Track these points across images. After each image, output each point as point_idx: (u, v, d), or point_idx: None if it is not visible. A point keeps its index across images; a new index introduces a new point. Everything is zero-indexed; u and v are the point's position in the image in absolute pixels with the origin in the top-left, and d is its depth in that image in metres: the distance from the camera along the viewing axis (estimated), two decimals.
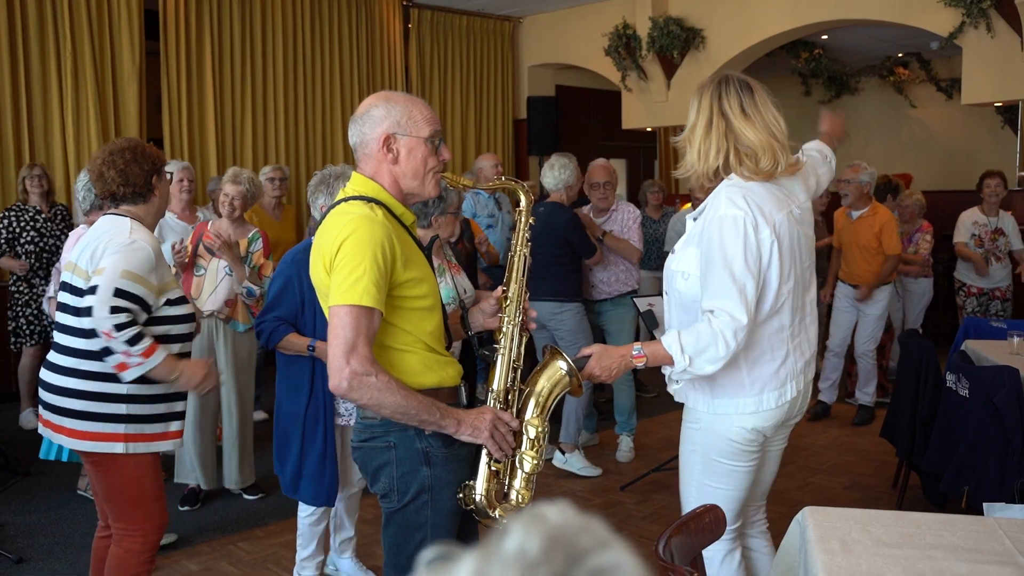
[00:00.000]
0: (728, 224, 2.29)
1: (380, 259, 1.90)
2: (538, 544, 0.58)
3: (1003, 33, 6.41)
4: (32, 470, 4.79)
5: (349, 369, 1.88)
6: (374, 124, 2.05)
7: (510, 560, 0.57)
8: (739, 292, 2.25)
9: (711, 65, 8.00)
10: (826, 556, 1.89)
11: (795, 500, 4.33)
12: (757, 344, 2.37)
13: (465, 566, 0.59)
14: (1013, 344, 4.12)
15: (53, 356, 2.73)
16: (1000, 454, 3.51)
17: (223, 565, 3.73)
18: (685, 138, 2.45)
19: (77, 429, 2.63)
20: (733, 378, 2.40)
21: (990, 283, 6.30)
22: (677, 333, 2.30)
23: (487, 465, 2.08)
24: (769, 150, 2.33)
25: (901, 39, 8.62)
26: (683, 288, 2.43)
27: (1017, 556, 1.88)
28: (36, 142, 6.54)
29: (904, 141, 10.47)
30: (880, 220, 5.74)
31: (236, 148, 7.56)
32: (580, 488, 4.70)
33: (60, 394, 2.65)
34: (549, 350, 2.23)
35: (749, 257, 2.27)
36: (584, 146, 9.08)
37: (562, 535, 0.59)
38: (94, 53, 6.68)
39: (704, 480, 2.50)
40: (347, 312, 1.89)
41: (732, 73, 2.44)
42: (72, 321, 2.65)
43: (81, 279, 2.66)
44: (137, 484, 2.68)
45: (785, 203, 2.37)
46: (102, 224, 2.74)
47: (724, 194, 2.33)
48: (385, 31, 8.55)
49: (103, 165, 2.72)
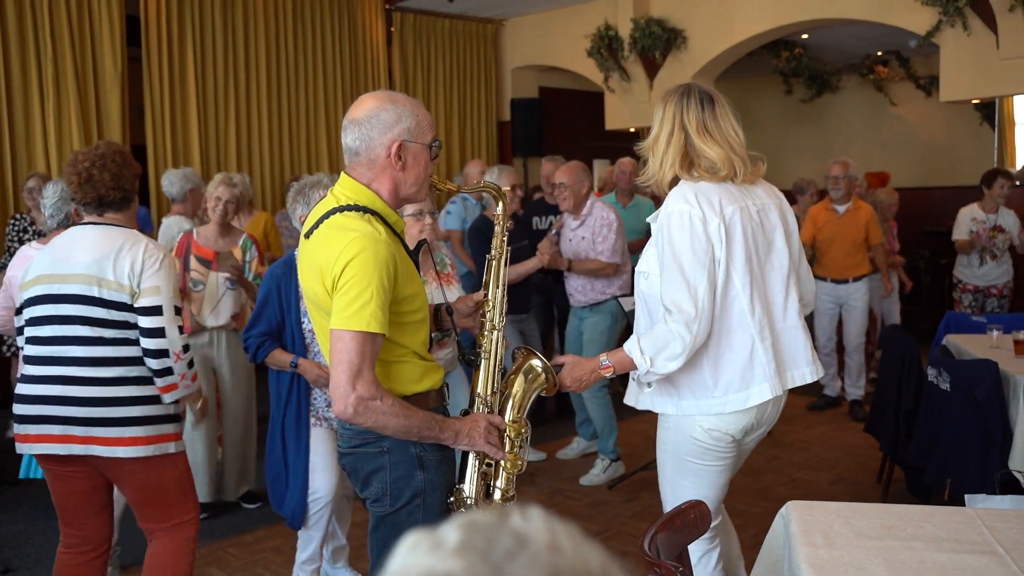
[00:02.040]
0: (675, 219, 2.35)
1: (386, 281, 1.89)
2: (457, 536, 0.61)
3: (979, 31, 6.48)
4: (19, 481, 4.76)
5: (355, 395, 1.86)
6: (384, 129, 1.97)
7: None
8: (688, 285, 2.31)
9: (693, 65, 8.05)
10: (809, 549, 1.92)
11: (780, 496, 4.36)
12: (718, 340, 2.39)
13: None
14: (993, 338, 4.18)
15: (84, 371, 2.61)
16: (982, 446, 3.56)
17: (212, 570, 3.73)
18: (648, 146, 2.50)
19: (138, 436, 2.63)
20: (696, 379, 2.43)
21: (985, 280, 6.27)
22: (637, 338, 2.39)
23: (476, 468, 2.11)
24: (727, 162, 2.39)
25: (880, 38, 8.70)
26: (644, 288, 2.49)
27: (995, 545, 1.91)
28: (18, 150, 6.50)
29: (885, 139, 10.56)
30: (866, 213, 5.91)
31: (220, 154, 7.55)
32: (568, 488, 4.72)
33: (113, 405, 2.62)
34: (523, 351, 2.26)
35: (697, 249, 2.32)
36: (568, 147, 9.11)
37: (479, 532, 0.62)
38: (75, 59, 6.65)
39: (676, 479, 2.55)
40: (352, 337, 1.87)
41: (694, 85, 2.48)
42: (105, 332, 2.62)
43: (117, 291, 2.61)
44: (186, 476, 2.84)
45: (739, 199, 2.41)
46: (107, 235, 2.65)
47: (674, 192, 2.41)
48: (368, 35, 8.56)
49: (93, 167, 2.65)
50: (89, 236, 2.67)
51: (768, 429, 2.59)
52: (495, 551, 0.59)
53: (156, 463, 2.69)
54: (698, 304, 2.30)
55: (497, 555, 0.59)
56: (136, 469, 2.67)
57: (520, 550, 0.59)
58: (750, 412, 2.43)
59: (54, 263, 2.65)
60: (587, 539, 0.64)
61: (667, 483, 2.59)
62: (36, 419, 2.64)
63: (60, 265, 2.64)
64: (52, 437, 2.62)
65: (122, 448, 2.62)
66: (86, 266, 2.61)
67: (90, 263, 2.60)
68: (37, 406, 2.64)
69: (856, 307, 5.95)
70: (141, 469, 2.67)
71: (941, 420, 3.79)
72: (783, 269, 2.48)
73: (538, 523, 0.62)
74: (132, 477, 2.69)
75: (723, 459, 2.51)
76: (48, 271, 2.65)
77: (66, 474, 2.71)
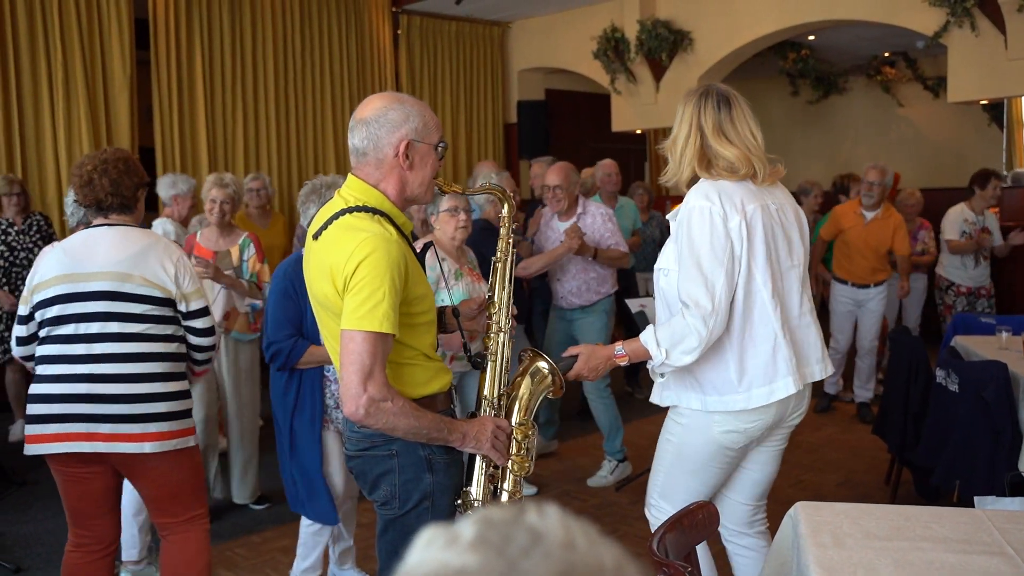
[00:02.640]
0: (696, 215, 2.37)
1: (397, 282, 1.89)
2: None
3: (987, 32, 6.47)
4: (28, 480, 4.79)
5: (367, 396, 1.87)
6: (392, 128, 1.98)
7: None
8: (705, 281, 2.32)
9: (699, 67, 8.05)
10: (818, 550, 1.92)
11: (788, 497, 4.35)
12: (742, 335, 2.40)
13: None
14: (1002, 339, 4.16)
15: (111, 367, 2.65)
16: (990, 448, 3.55)
17: (220, 571, 3.74)
18: (668, 146, 2.52)
19: (163, 431, 2.69)
20: (721, 374, 2.43)
21: (976, 282, 6.33)
22: (654, 328, 2.40)
23: (483, 471, 2.11)
24: (746, 162, 2.41)
25: (887, 39, 8.68)
26: (664, 285, 2.50)
27: (1005, 546, 1.91)
28: (28, 152, 6.53)
29: (892, 140, 10.54)
30: (894, 222, 5.81)
31: (228, 157, 7.57)
32: (575, 489, 4.72)
33: (140, 401, 2.66)
34: (529, 353, 2.27)
35: (716, 246, 2.33)
36: (574, 149, 9.12)
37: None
38: (85, 63, 6.69)
39: (673, 471, 2.55)
40: (364, 338, 1.87)
41: (714, 86, 2.50)
42: (131, 327, 2.67)
43: (144, 286, 2.67)
44: (201, 469, 2.92)
45: (759, 197, 2.43)
46: (127, 236, 2.72)
47: (695, 189, 2.43)
48: (375, 38, 8.58)
49: (94, 172, 2.70)
50: (109, 236, 2.72)
51: (793, 426, 2.58)
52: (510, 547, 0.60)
53: (177, 457, 2.75)
54: (715, 299, 2.31)
55: (512, 551, 0.59)
56: (159, 464, 2.72)
57: (534, 546, 0.60)
58: (770, 409, 2.44)
59: (74, 263, 2.68)
60: (602, 538, 0.65)
61: (661, 471, 2.60)
62: (58, 418, 2.64)
63: (81, 264, 2.68)
64: (77, 436, 2.64)
65: (148, 444, 2.67)
66: (113, 264, 2.67)
67: (116, 261, 2.67)
68: (60, 404, 2.64)
69: (874, 311, 5.94)
70: (164, 463, 2.73)
71: (949, 421, 3.78)
72: (800, 267, 2.52)
73: (553, 520, 0.63)
74: (154, 472, 2.74)
75: (726, 463, 2.52)
76: (68, 271, 2.68)
77: (82, 475, 2.73)
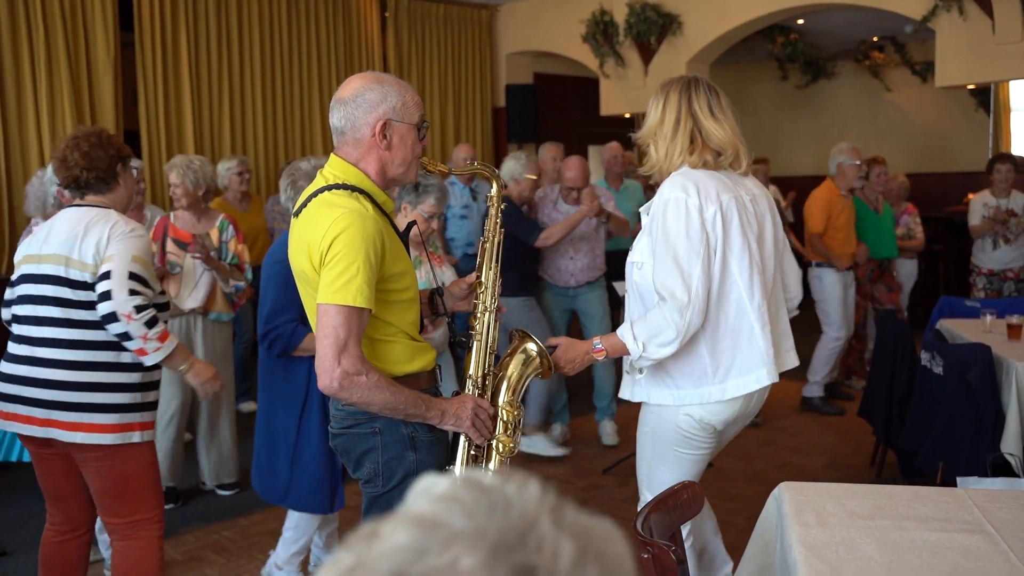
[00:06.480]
0: (671, 207, 2.36)
1: (372, 257, 1.90)
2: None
3: (975, 16, 6.47)
4: (11, 464, 4.76)
5: (340, 369, 1.88)
6: (369, 108, 1.99)
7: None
8: (681, 272, 2.31)
9: (688, 51, 8.03)
10: (802, 529, 1.93)
11: (774, 480, 4.33)
12: (715, 327, 2.40)
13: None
14: (986, 322, 4.19)
15: (52, 352, 2.61)
16: (974, 430, 3.58)
17: (208, 554, 3.74)
18: (648, 136, 2.49)
19: (101, 423, 2.58)
20: (696, 366, 2.43)
21: (1001, 263, 6.24)
22: (631, 323, 2.39)
23: (466, 451, 2.11)
24: (734, 149, 2.43)
25: (876, 23, 8.68)
26: (638, 279, 2.48)
27: (985, 524, 1.93)
28: (10, 136, 6.45)
29: (880, 125, 10.55)
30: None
31: (214, 139, 7.51)
32: (562, 472, 4.73)
33: (78, 390, 2.59)
34: (518, 334, 2.26)
35: (692, 237, 2.32)
36: (563, 133, 9.08)
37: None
38: (68, 44, 6.60)
39: (654, 462, 2.58)
40: (338, 312, 1.88)
41: (697, 76, 2.52)
42: (73, 314, 2.60)
43: (80, 271, 2.60)
44: (151, 470, 2.75)
45: (733, 188, 2.44)
46: (82, 215, 2.65)
47: (669, 181, 2.42)
48: (362, 20, 8.52)
49: (67, 149, 2.67)
50: (67, 216, 2.69)
51: (750, 420, 2.62)
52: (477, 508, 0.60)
53: (118, 452, 2.64)
54: (691, 291, 2.31)
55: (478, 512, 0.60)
56: (97, 457, 2.63)
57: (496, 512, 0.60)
58: (737, 402, 2.45)
59: (39, 243, 2.68)
60: (578, 533, 0.61)
61: (644, 465, 2.64)
62: (10, 398, 2.64)
63: (42, 245, 2.66)
64: (20, 417, 2.63)
65: (81, 434, 2.58)
66: (58, 246, 2.62)
67: (62, 243, 2.62)
68: (12, 385, 2.64)
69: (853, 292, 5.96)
70: (102, 457, 2.63)
71: (934, 404, 3.81)
72: (773, 258, 2.52)
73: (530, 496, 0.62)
74: (93, 464, 2.65)
75: (702, 448, 2.53)
76: (33, 251, 2.68)
77: (43, 455, 2.72)
